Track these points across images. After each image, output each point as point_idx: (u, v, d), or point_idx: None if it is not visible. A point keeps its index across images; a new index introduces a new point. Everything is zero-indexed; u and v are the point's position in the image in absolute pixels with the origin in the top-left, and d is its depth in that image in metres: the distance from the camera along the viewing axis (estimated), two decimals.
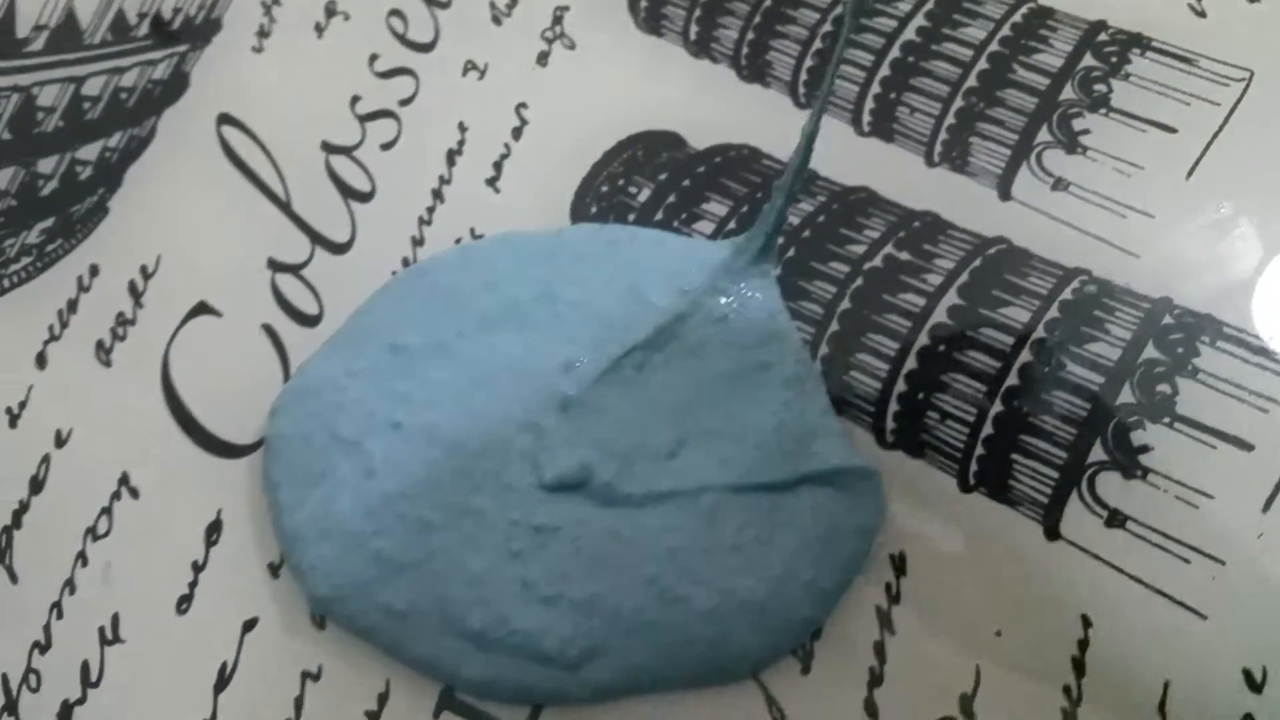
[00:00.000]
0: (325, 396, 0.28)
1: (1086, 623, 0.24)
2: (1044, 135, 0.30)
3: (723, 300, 0.28)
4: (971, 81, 0.31)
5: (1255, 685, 0.24)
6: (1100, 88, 0.30)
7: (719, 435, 0.27)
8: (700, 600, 0.25)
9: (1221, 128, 0.29)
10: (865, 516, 0.26)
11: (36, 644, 0.28)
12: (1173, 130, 0.29)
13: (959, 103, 0.30)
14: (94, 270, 0.32)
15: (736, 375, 0.27)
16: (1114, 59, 0.30)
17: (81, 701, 0.27)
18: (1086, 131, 0.30)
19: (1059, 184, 0.29)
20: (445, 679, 0.26)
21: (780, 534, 0.26)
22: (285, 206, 0.33)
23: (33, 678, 0.27)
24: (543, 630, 0.25)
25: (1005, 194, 0.29)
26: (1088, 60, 0.30)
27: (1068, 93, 0.30)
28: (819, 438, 0.27)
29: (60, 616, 0.28)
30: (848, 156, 0.31)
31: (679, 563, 0.25)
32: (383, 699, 0.26)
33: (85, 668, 0.27)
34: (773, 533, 0.26)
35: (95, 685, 0.27)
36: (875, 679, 0.25)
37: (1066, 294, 0.27)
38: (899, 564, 0.26)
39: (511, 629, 0.25)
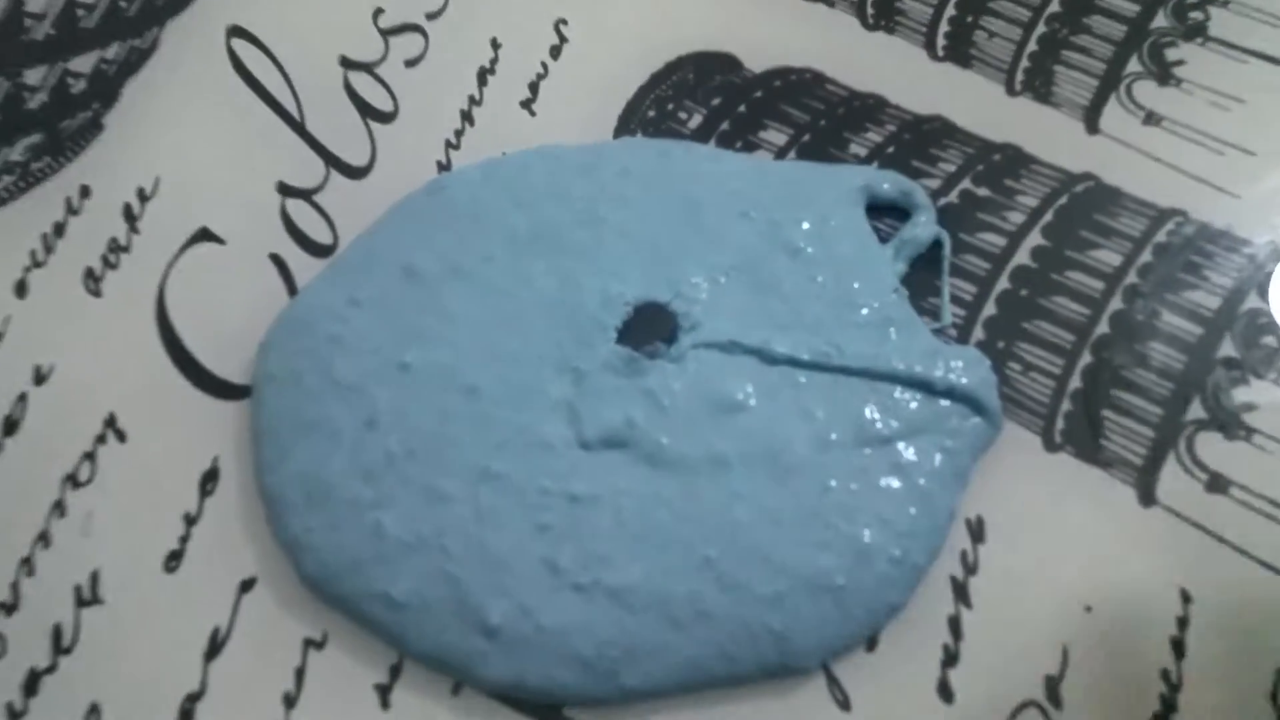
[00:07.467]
0: (321, 329, 0.26)
1: (1186, 598, 0.23)
2: (1134, 65, 0.28)
3: (802, 227, 0.26)
4: (1054, 6, 0.29)
5: None
6: (1196, 15, 0.29)
7: (802, 387, 0.24)
8: (763, 585, 0.22)
9: None
10: (963, 463, 0.24)
11: (2, 605, 0.25)
12: (1277, 61, 0.28)
13: (1041, 29, 0.29)
14: (85, 191, 0.30)
15: (821, 317, 0.25)
16: None
17: (51, 670, 0.25)
18: (1181, 62, 0.28)
19: (1151, 118, 0.28)
20: (456, 678, 0.24)
21: (869, 499, 0.23)
22: (298, 126, 0.31)
23: None
24: (575, 627, 0.23)
25: (1093, 127, 0.28)
26: None
27: (1160, 20, 0.29)
28: (922, 381, 0.24)
29: (31, 573, 0.26)
30: (921, 83, 0.29)
31: (744, 539, 0.23)
32: (395, 672, 0.24)
33: (57, 632, 0.25)
34: (861, 497, 0.23)
35: (68, 651, 0.25)
36: (950, 658, 0.23)
37: (1160, 236, 0.26)
38: (976, 530, 0.24)
39: (537, 625, 0.23)
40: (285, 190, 0.30)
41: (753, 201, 0.26)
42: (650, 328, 0.25)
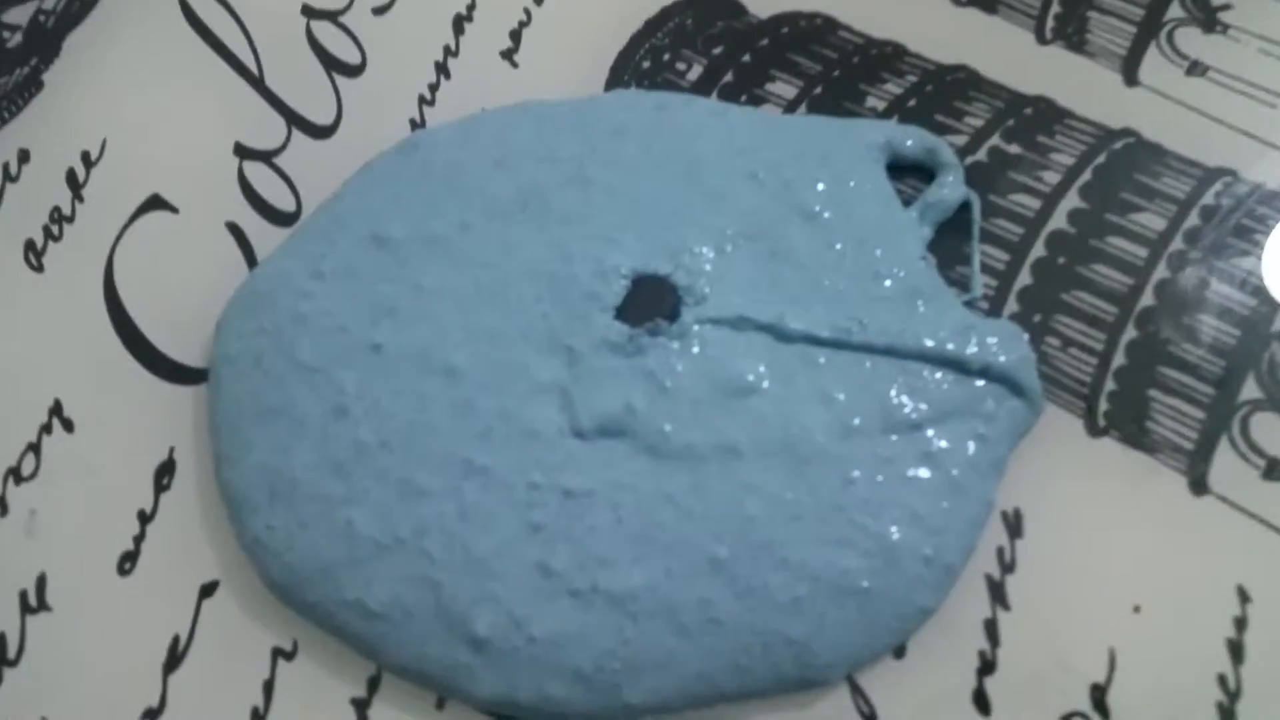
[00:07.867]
0: (282, 305, 0.25)
1: (1244, 596, 0.22)
2: (1176, 11, 0.27)
3: (818, 188, 0.24)
4: None
5: None
6: None
7: (820, 367, 0.23)
8: (780, 588, 0.21)
9: None
10: (999, 451, 0.22)
11: None
12: None
13: None
14: (24, 156, 0.30)
15: (840, 288, 0.24)
16: None
17: None
18: (1227, 6, 0.27)
19: (1195, 67, 0.26)
20: (440, 692, 0.23)
21: (897, 492, 0.22)
22: (257, 82, 0.30)
23: None
24: (571, 638, 0.22)
25: (1131, 78, 0.27)
26: None
27: None
28: (954, 359, 0.23)
29: None
30: (943, 29, 0.28)
31: (758, 538, 0.22)
32: (373, 684, 0.23)
33: (1, 642, 0.25)
34: (887, 490, 0.22)
35: (13, 664, 0.25)
36: (986, 665, 0.22)
37: (1208, 198, 0.25)
38: (1014, 524, 0.23)
39: (528, 635, 0.22)
40: (243, 152, 0.29)
41: (761, 160, 0.25)
42: (650, 302, 0.24)
